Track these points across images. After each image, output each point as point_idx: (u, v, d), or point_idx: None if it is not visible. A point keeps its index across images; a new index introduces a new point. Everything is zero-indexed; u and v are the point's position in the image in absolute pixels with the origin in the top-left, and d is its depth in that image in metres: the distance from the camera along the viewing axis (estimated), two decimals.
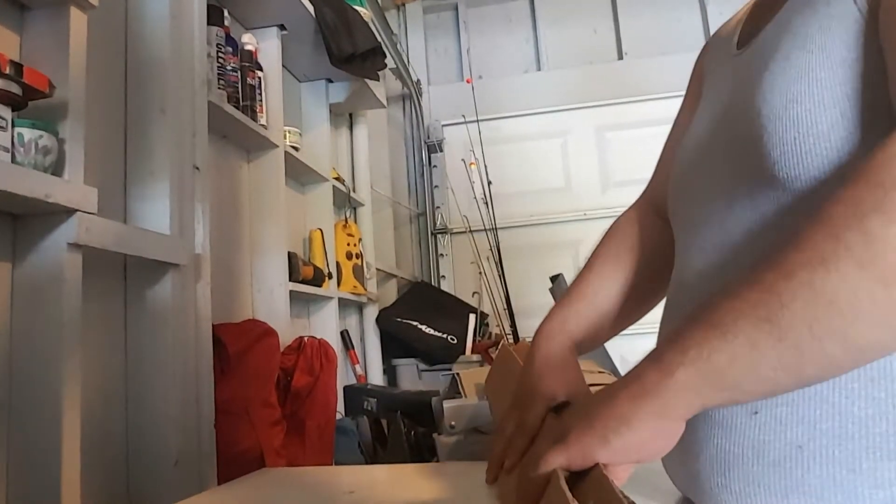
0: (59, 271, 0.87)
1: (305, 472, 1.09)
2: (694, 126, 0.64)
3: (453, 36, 3.61)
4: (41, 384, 0.85)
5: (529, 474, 0.49)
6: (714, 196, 0.54)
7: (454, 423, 1.03)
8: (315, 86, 2.21)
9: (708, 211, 0.55)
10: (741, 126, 0.51)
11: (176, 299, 1.11)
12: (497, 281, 2.65)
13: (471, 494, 0.74)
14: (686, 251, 0.59)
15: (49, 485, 0.83)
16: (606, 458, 0.46)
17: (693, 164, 0.61)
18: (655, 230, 0.74)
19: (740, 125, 0.51)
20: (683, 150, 0.64)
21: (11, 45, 0.92)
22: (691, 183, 0.60)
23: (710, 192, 0.55)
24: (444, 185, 3.33)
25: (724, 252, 0.52)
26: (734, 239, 0.51)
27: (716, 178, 0.55)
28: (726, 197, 0.52)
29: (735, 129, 0.53)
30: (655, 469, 0.58)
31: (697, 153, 0.60)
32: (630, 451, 0.46)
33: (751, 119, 0.48)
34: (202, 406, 1.16)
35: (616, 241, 0.76)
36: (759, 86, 0.48)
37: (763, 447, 0.46)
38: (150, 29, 1.17)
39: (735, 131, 0.53)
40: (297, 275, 1.76)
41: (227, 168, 1.63)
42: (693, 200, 0.59)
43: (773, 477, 0.45)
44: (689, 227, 0.59)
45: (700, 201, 0.57)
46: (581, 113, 3.32)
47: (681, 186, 0.63)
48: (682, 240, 0.61)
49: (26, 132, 0.83)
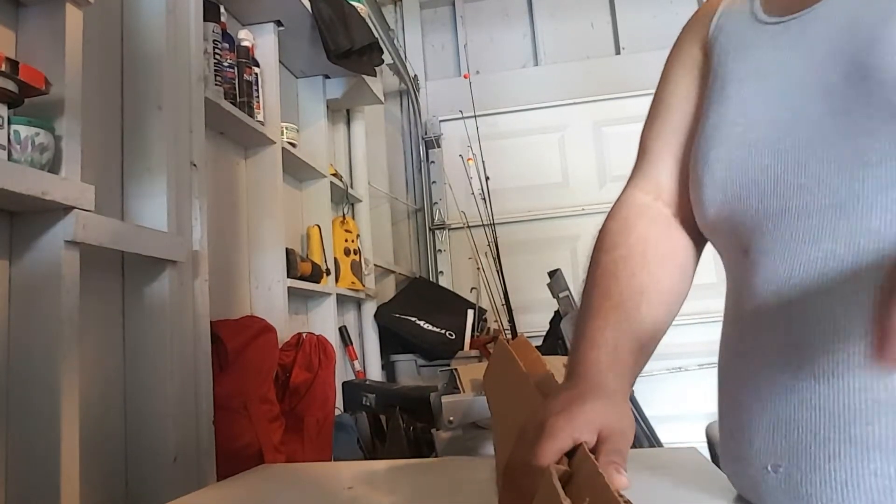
0: (56, 269, 0.87)
1: (304, 467, 1.10)
2: (746, 108, 0.55)
3: (450, 31, 3.60)
4: (39, 381, 0.85)
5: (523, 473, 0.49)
6: (826, 179, 0.47)
7: (452, 418, 1.03)
8: (312, 82, 2.21)
9: (818, 199, 0.47)
10: (878, 88, 0.45)
11: (174, 296, 1.11)
12: (495, 276, 2.65)
13: (469, 489, 0.74)
14: (775, 253, 0.50)
15: (48, 482, 0.83)
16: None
17: (776, 148, 0.51)
18: (672, 233, 0.66)
19: (873, 87, 0.45)
20: (744, 137, 0.54)
21: (7, 41, 0.91)
22: (776, 172, 0.51)
23: (820, 175, 0.47)
24: (442, 180, 3.33)
25: (859, 243, 0.45)
26: (871, 225, 0.45)
27: (831, 158, 0.47)
28: (849, 177, 0.46)
29: (867, 94, 0.46)
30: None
31: (780, 134, 0.51)
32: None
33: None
34: (201, 402, 1.16)
35: (640, 247, 0.64)
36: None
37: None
38: (147, 25, 1.16)
39: (867, 97, 0.46)
40: (295, 271, 1.76)
41: (225, 164, 1.62)
42: (786, 190, 0.50)
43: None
44: (776, 224, 0.50)
45: (802, 189, 0.49)
46: (579, 108, 3.32)
47: (754, 179, 0.52)
48: (763, 242, 0.51)
49: (23, 129, 0.82)
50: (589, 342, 0.59)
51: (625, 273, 0.62)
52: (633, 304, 0.60)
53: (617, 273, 0.62)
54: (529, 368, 0.80)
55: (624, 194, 0.71)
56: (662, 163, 0.68)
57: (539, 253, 3.13)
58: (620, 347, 0.58)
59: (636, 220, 0.66)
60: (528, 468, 0.50)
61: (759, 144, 0.52)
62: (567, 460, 0.50)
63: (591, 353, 0.58)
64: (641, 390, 0.66)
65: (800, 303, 0.47)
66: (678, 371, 2.98)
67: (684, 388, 3.00)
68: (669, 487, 0.64)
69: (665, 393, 2.96)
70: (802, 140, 0.49)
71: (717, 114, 0.56)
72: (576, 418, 0.52)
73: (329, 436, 1.67)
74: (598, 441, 0.51)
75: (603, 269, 0.63)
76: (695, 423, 2.82)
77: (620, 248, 0.64)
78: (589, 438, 0.51)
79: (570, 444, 0.51)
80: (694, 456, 0.86)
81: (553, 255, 3.11)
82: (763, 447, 0.48)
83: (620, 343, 0.58)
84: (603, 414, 0.53)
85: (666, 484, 0.66)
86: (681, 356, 2.98)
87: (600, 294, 0.62)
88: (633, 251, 0.63)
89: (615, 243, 0.65)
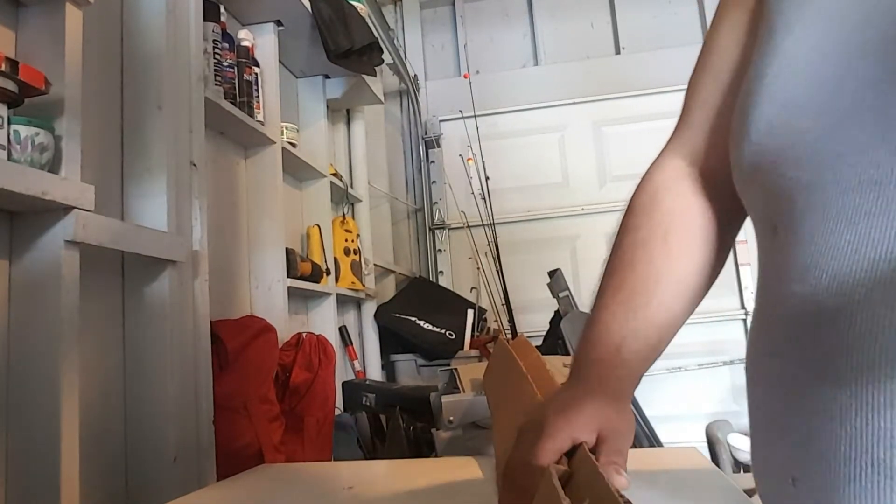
0: (56, 269, 0.87)
1: (304, 467, 1.10)
2: (791, 60, 0.46)
3: (450, 31, 3.60)
4: (39, 381, 0.85)
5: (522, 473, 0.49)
6: (869, 151, 0.40)
7: (452, 417, 1.04)
8: (312, 82, 2.21)
9: (857, 172, 0.40)
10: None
11: (174, 296, 1.11)
12: (495, 276, 2.65)
13: (469, 489, 0.74)
14: (803, 234, 0.42)
15: (48, 481, 0.83)
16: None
17: (818, 109, 0.43)
18: (707, 205, 0.59)
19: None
20: (786, 94, 0.46)
21: (7, 41, 0.91)
22: (814, 136, 0.43)
23: (862, 145, 0.40)
24: (442, 180, 3.33)
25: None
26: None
27: (878, 127, 0.40)
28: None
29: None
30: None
31: (823, 93, 0.43)
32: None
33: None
34: (201, 402, 1.16)
35: (663, 227, 0.59)
36: None
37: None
38: (147, 25, 1.16)
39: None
40: (295, 271, 1.76)
41: (225, 164, 1.62)
42: (823, 159, 0.42)
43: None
44: (808, 198, 0.43)
45: (840, 160, 0.41)
46: (578, 108, 3.32)
47: (791, 143, 0.45)
48: (792, 219, 0.44)
49: (22, 129, 0.82)
50: (592, 341, 0.58)
51: (642, 260, 0.58)
52: (644, 298, 0.57)
53: (633, 261, 0.58)
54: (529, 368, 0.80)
55: (657, 160, 0.64)
56: (702, 121, 0.60)
57: (539, 253, 3.14)
58: (624, 347, 0.56)
59: (664, 193, 0.61)
60: (528, 468, 0.50)
61: (800, 103, 0.45)
62: (567, 460, 0.50)
63: (593, 353, 0.57)
64: (641, 390, 0.64)
65: (825, 295, 0.40)
66: (678, 371, 2.98)
67: (684, 388, 3.00)
68: (669, 487, 0.64)
69: (665, 393, 2.96)
70: (847, 103, 0.42)
71: (762, 64, 0.49)
72: (574, 419, 0.52)
73: (329, 436, 1.67)
74: (598, 441, 0.51)
75: (620, 255, 0.60)
76: (695, 423, 2.84)
77: (642, 230, 0.59)
78: (587, 439, 0.51)
79: (569, 445, 0.51)
80: (694, 456, 0.86)
81: (553, 255, 3.11)
82: (784, 457, 0.44)
83: (625, 342, 0.56)
84: (602, 414, 0.53)
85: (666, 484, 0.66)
86: (681, 356, 2.98)
87: (613, 286, 0.59)
88: (654, 234, 0.59)
89: (637, 224, 0.60)
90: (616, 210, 3.14)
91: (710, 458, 2.46)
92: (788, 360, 0.44)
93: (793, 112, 0.45)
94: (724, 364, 3.03)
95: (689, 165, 0.61)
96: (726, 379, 3.06)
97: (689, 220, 0.59)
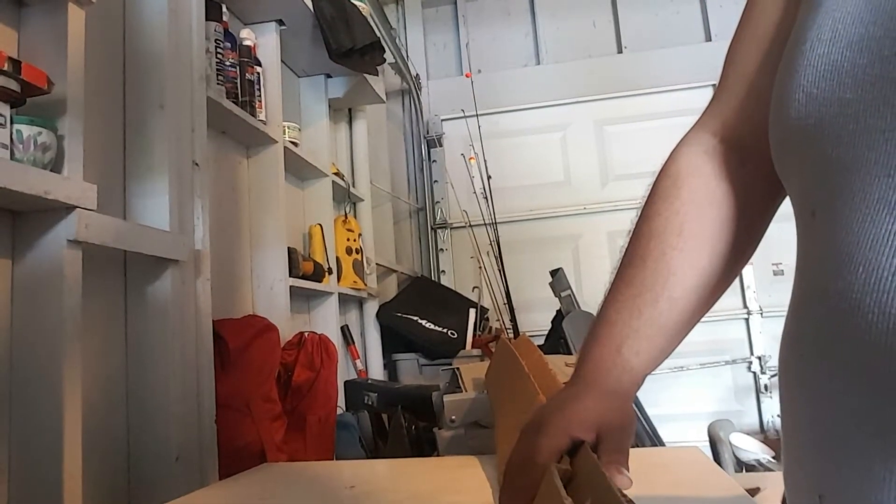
0: (58, 268, 0.87)
1: (306, 466, 1.10)
2: (835, 21, 0.40)
3: (452, 30, 3.60)
4: (42, 381, 0.85)
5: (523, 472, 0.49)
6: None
7: (454, 417, 1.04)
8: (314, 81, 2.21)
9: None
10: None
11: (176, 295, 1.11)
12: (497, 275, 2.65)
13: (471, 488, 0.74)
14: (840, 220, 0.37)
15: (50, 480, 0.83)
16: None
17: (861, 79, 0.38)
18: (733, 192, 0.55)
19: None
20: (827, 60, 0.40)
21: (9, 41, 0.91)
22: (857, 110, 0.38)
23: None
24: (444, 179, 3.33)
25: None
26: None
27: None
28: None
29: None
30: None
31: (867, 60, 0.37)
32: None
33: None
34: (203, 401, 1.16)
35: (679, 217, 0.55)
36: None
37: None
38: (149, 24, 1.16)
39: None
40: (297, 270, 1.76)
41: (227, 164, 1.62)
42: (865, 136, 0.37)
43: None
44: (847, 179, 0.37)
45: (884, 137, 0.36)
46: (580, 107, 3.32)
47: (832, 117, 0.39)
48: (831, 203, 0.38)
49: (25, 129, 0.83)
50: (595, 339, 0.56)
51: (654, 253, 0.55)
52: (651, 296, 0.54)
53: (646, 254, 0.55)
54: (531, 368, 0.80)
55: (686, 136, 0.60)
56: (739, 91, 0.55)
57: (541, 252, 3.14)
58: (625, 346, 0.54)
59: (687, 177, 0.57)
60: (527, 467, 0.50)
61: (843, 72, 0.39)
62: (569, 459, 0.50)
63: (595, 351, 0.56)
64: (643, 389, 0.63)
65: (860, 292, 0.35)
66: (680, 370, 2.98)
67: (687, 387, 3.00)
68: (671, 487, 0.64)
69: (667, 392, 2.96)
70: (893, 70, 0.36)
71: (804, 28, 0.43)
72: (571, 417, 0.52)
73: (331, 435, 1.67)
74: (598, 439, 0.51)
75: (635, 244, 0.57)
76: (697, 423, 2.83)
77: (659, 218, 0.56)
78: (585, 436, 0.50)
79: (568, 443, 0.50)
80: (696, 455, 0.85)
81: (555, 254, 3.11)
82: (813, 471, 0.40)
83: (627, 341, 0.54)
84: (600, 412, 0.52)
85: (668, 483, 0.66)
86: (683, 355, 2.98)
87: (623, 281, 0.56)
88: (670, 224, 0.55)
89: (656, 211, 0.57)
90: (618, 209, 3.14)
91: (713, 458, 2.45)
92: (817, 366, 0.40)
93: (835, 80, 0.39)
94: (727, 363, 3.03)
95: (719, 142, 0.57)
96: (728, 378, 3.05)
97: (710, 211, 0.55)
